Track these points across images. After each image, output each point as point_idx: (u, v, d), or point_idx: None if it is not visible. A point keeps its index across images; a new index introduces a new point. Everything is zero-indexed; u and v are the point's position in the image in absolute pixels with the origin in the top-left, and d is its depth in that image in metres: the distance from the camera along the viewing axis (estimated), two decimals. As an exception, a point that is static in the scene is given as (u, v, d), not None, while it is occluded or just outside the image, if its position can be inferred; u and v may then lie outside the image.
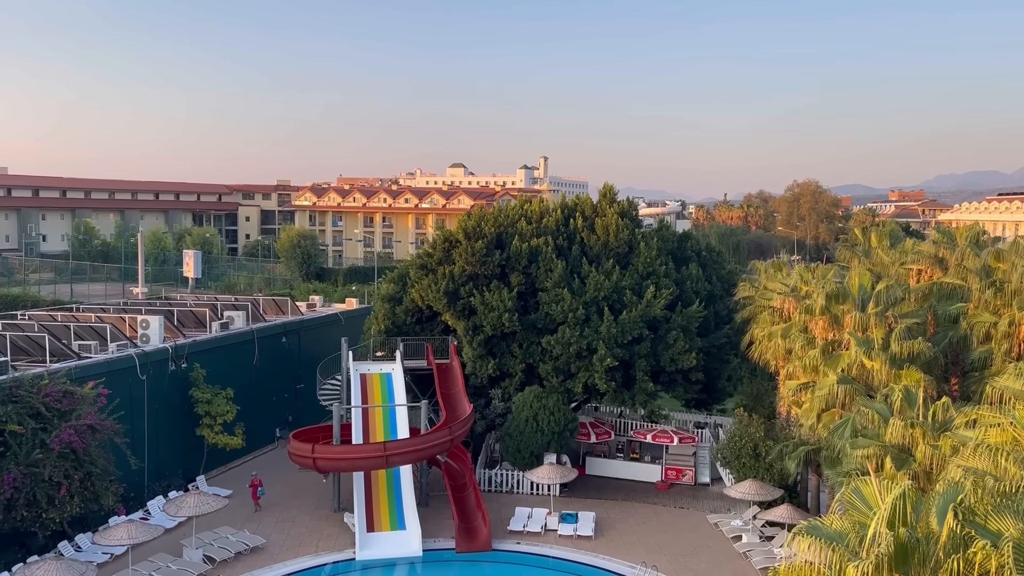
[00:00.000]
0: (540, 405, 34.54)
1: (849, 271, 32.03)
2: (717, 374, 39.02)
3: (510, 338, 36.80)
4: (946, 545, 13.52)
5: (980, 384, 26.29)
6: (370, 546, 29.24)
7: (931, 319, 30.20)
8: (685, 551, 29.40)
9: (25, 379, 27.11)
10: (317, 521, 31.80)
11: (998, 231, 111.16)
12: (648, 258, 37.05)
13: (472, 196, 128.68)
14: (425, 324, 40.05)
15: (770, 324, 32.39)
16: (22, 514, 25.42)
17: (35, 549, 26.54)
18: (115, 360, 32.35)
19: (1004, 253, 31.15)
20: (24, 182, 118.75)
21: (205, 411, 35.52)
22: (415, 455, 31.73)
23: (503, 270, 37.48)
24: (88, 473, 26.72)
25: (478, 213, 39.79)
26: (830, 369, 27.53)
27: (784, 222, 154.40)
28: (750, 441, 32.17)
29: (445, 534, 30.48)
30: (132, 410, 31.82)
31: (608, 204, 39.99)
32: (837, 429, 24.79)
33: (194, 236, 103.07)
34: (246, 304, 43.29)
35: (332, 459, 31.28)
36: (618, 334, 34.56)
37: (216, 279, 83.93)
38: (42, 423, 26.17)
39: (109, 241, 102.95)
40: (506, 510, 32.64)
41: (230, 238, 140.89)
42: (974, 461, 16.68)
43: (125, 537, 25.55)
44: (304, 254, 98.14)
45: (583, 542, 30.09)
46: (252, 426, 38.30)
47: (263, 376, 40.97)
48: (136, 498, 31.44)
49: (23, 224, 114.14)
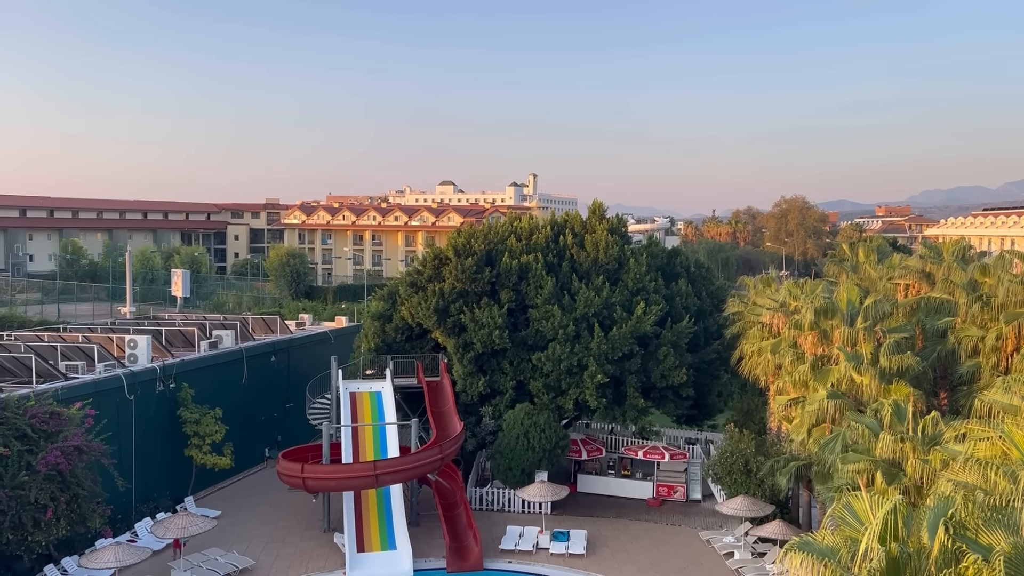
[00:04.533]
0: (531, 422, 34.48)
1: (837, 286, 32.17)
2: (707, 390, 39.06)
3: (500, 355, 36.77)
4: (938, 560, 13.52)
5: (969, 398, 26.41)
6: (360, 566, 29.00)
7: (919, 333, 30.33)
8: (677, 568, 29.30)
9: (11, 400, 26.82)
10: (307, 542, 31.55)
11: (984, 246, 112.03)
12: (638, 274, 37.14)
13: (462, 213, 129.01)
14: (415, 342, 39.96)
15: (759, 339, 32.47)
16: (7, 537, 25.08)
17: (20, 573, 26.22)
18: (102, 380, 32.12)
19: (990, 268, 31.38)
20: (11, 202, 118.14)
21: (193, 431, 35.24)
22: (405, 474, 31.56)
23: (493, 287, 37.49)
24: (75, 495, 26.41)
25: (468, 230, 39.85)
26: (820, 384, 27.59)
27: (772, 238, 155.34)
28: (741, 457, 32.16)
29: (436, 554, 30.29)
30: (120, 431, 31.58)
31: (597, 221, 40.12)
32: (827, 444, 24.81)
33: (182, 255, 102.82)
34: (235, 323, 43.11)
35: (322, 479, 31.08)
36: (608, 350, 34.58)
37: (205, 298, 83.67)
38: (28, 445, 25.88)
39: (97, 261, 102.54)
40: (497, 528, 32.48)
41: (219, 257, 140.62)
42: (964, 475, 16.71)
43: (112, 560, 25.28)
44: (293, 272, 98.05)
45: (575, 560, 29.94)
46: (241, 446, 38.03)
47: (252, 395, 40.73)
48: (123, 520, 31.11)
49: (10, 244, 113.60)
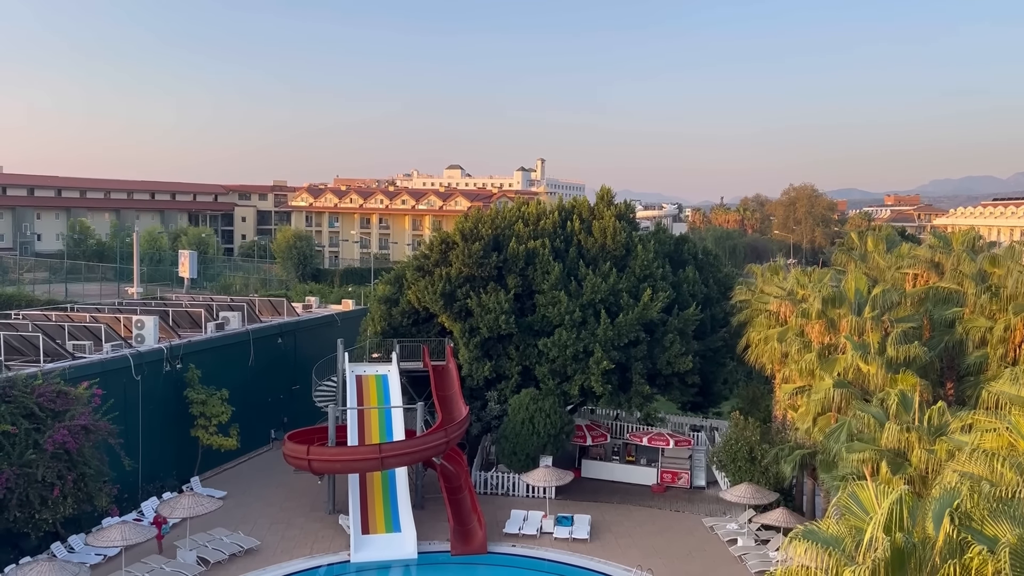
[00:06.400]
0: (536, 407, 34.51)
1: (845, 275, 32.00)
2: (713, 377, 39.03)
3: (506, 340, 36.76)
4: (942, 550, 13.48)
5: (976, 389, 26.28)
6: (365, 548, 29.16)
7: (927, 323, 30.20)
8: (680, 554, 29.37)
9: (19, 379, 26.97)
10: (312, 523, 31.70)
11: (993, 236, 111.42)
12: (645, 261, 37.04)
13: (469, 198, 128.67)
14: (421, 326, 39.99)
15: (766, 328, 32.39)
16: (15, 515, 25.29)
17: (28, 550, 26.40)
18: (109, 360, 32.23)
19: (999, 258, 31.12)
20: (19, 181, 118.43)
21: (200, 412, 35.39)
22: (411, 457, 31.66)
23: (500, 272, 37.44)
24: (81, 474, 26.60)
25: (475, 215, 39.75)
26: (826, 373, 27.52)
27: (780, 226, 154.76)
28: (746, 445, 32.17)
29: (440, 536, 30.41)
30: (126, 411, 31.72)
31: (605, 207, 39.97)
32: (833, 433, 24.79)
33: (190, 236, 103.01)
34: (242, 305, 43.18)
35: (327, 461, 31.21)
36: (615, 337, 34.54)
37: (212, 279, 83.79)
38: (35, 423, 26.05)
39: (104, 241, 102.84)
40: (502, 512, 32.58)
41: (226, 238, 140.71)
42: (970, 466, 16.64)
43: (118, 538, 25.42)
44: (300, 255, 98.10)
45: (579, 545, 30.04)
46: (247, 427, 38.17)
47: (258, 377, 40.84)
48: (130, 499, 31.29)
49: (18, 223, 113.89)
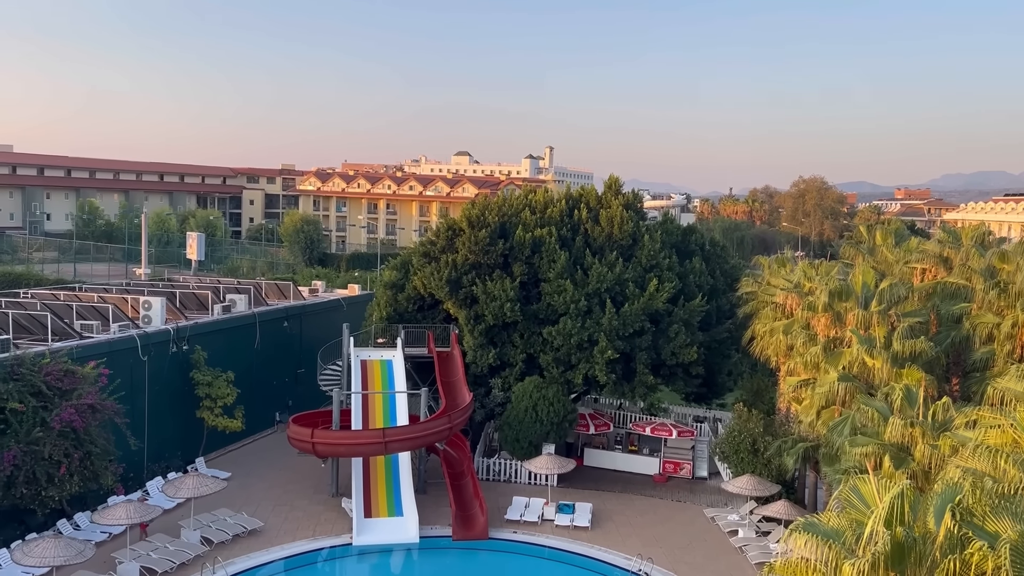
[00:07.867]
0: (540, 395, 34.58)
1: (853, 268, 31.92)
2: (717, 369, 39.01)
3: (511, 328, 36.80)
4: (943, 545, 13.52)
5: (981, 385, 26.24)
6: (367, 532, 29.34)
7: (934, 319, 30.12)
8: (681, 544, 29.47)
9: (27, 357, 27.16)
10: (315, 506, 31.90)
11: (1004, 231, 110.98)
12: (652, 251, 36.97)
13: (477, 185, 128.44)
14: (427, 312, 40.05)
15: (772, 320, 32.32)
16: (21, 491, 25.53)
17: (34, 527, 26.64)
18: (117, 340, 32.41)
19: (1009, 254, 30.97)
20: (29, 160, 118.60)
21: (205, 393, 35.59)
22: (414, 442, 31.80)
23: (506, 260, 37.43)
24: (88, 452, 26.82)
25: (482, 202, 39.68)
26: (831, 366, 27.47)
27: (789, 218, 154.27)
28: (749, 436, 32.19)
29: (442, 521, 30.57)
30: (133, 391, 31.90)
31: (613, 196, 39.86)
32: (836, 427, 24.76)
33: (198, 218, 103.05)
34: (248, 288, 43.33)
35: (331, 444, 31.37)
36: (619, 326, 34.54)
37: (219, 262, 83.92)
38: (43, 402, 26.26)
39: (113, 221, 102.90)
40: (503, 499, 32.71)
41: (234, 221, 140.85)
42: (973, 462, 16.64)
43: (124, 517, 25.65)
44: (307, 239, 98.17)
45: (579, 533, 30.17)
46: (252, 409, 38.38)
47: (264, 360, 41.02)
48: (135, 478, 31.52)
49: (27, 203, 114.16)
